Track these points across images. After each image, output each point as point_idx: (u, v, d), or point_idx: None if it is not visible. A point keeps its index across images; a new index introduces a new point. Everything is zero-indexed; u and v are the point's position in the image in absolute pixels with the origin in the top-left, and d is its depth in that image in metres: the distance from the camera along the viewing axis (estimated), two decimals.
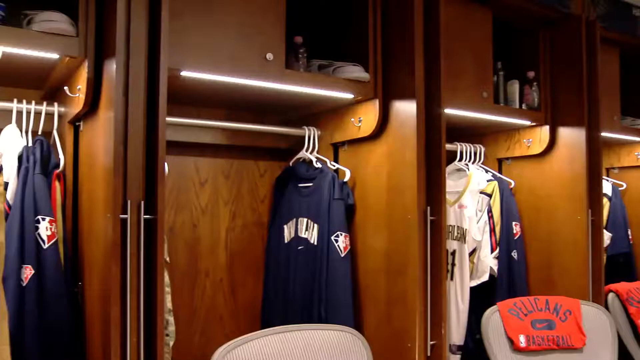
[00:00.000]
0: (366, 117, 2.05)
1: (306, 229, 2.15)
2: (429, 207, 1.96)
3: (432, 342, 1.95)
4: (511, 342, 2.12)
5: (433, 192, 1.97)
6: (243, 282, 2.37)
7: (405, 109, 1.96)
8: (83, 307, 1.76)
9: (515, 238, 2.52)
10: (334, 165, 2.19)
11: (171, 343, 1.83)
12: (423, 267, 1.94)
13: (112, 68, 1.50)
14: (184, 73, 1.69)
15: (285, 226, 2.26)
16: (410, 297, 1.93)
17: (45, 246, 1.67)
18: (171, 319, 1.83)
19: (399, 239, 1.98)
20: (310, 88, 1.92)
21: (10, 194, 1.66)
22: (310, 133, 2.21)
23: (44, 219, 1.67)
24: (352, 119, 2.11)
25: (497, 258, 2.45)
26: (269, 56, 1.79)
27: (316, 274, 2.07)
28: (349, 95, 2.01)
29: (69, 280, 1.73)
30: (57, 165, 1.77)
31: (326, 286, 2.04)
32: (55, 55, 1.60)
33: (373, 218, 2.08)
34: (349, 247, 2.07)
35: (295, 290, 2.15)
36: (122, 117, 1.49)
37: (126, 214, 1.50)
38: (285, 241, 2.25)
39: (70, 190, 1.84)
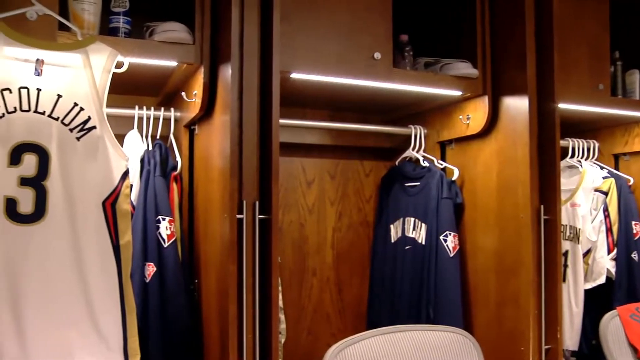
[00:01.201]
0: (475, 114, 1.98)
1: (413, 229, 2.11)
2: (542, 206, 1.86)
3: (546, 347, 1.85)
4: (634, 350, 1.97)
5: (547, 190, 1.87)
6: (349, 281, 2.37)
7: (517, 105, 1.88)
8: (199, 303, 1.82)
9: (636, 239, 2.34)
10: (442, 164, 2.13)
11: (282, 341, 1.85)
12: (537, 268, 1.85)
13: (227, 73, 1.54)
14: (293, 75, 1.70)
15: (391, 226, 2.23)
16: (523, 299, 1.85)
17: (166, 245, 1.74)
18: (282, 317, 1.85)
19: (511, 239, 1.89)
20: (418, 86, 1.88)
21: (133, 195, 1.74)
22: (417, 132, 2.16)
23: (164, 219, 1.74)
24: (460, 117, 2.04)
25: (614, 259, 2.29)
26: (377, 55, 1.77)
27: (424, 274, 2.03)
28: (457, 93, 1.95)
29: (186, 277, 1.79)
30: (175, 168, 1.85)
31: (435, 286, 1.99)
32: (173, 63, 1.66)
33: (483, 217, 2.00)
34: (458, 247, 2.00)
35: (403, 290, 2.12)
36: (237, 120, 1.53)
37: (242, 214, 1.53)
38: (392, 241, 2.22)
39: (186, 191, 1.91)
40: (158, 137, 1.88)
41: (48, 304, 1.43)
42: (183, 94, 1.76)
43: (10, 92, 1.43)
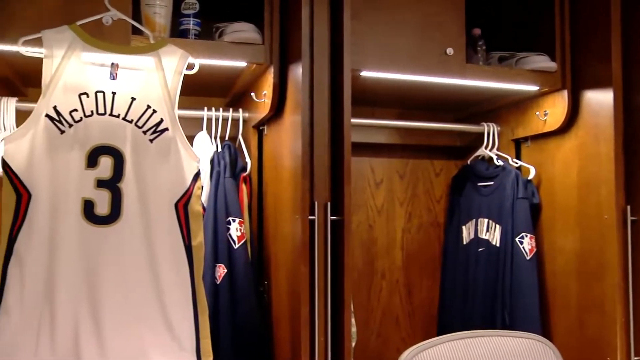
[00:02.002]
0: (553, 110, 1.89)
1: (487, 230, 2.03)
2: (629, 206, 1.75)
3: (636, 358, 1.74)
4: None
5: (634, 190, 1.76)
6: (419, 284, 2.31)
7: (599, 99, 1.77)
8: (269, 304, 1.81)
9: None
10: (517, 163, 2.05)
11: (353, 344, 1.82)
12: (623, 272, 1.74)
13: (297, 72, 1.52)
14: (363, 73, 1.67)
15: (463, 227, 2.16)
16: (608, 305, 1.74)
17: (236, 246, 1.74)
18: (353, 320, 1.81)
19: (593, 240, 1.79)
20: (492, 82, 1.80)
21: (204, 197, 1.75)
22: (490, 129, 2.08)
23: (234, 220, 1.75)
24: (537, 113, 1.95)
25: None
26: (449, 51, 1.71)
27: (499, 277, 1.95)
28: (533, 88, 1.86)
29: (255, 279, 1.79)
30: (244, 169, 1.85)
31: (510, 290, 1.91)
32: (243, 64, 1.66)
33: (561, 217, 1.90)
34: (535, 249, 1.91)
35: (476, 293, 2.04)
36: (308, 120, 1.51)
37: (314, 215, 1.51)
38: (464, 242, 2.15)
39: (255, 192, 1.91)
40: (227, 138, 1.89)
41: (124, 304, 1.46)
42: (252, 94, 1.76)
43: (88, 96, 1.46)
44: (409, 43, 1.69)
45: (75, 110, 1.45)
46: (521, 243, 1.91)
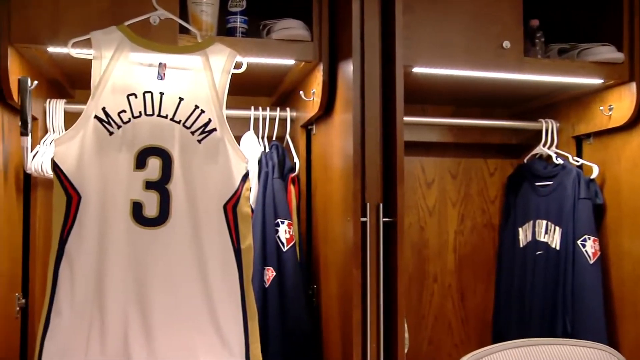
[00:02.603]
0: (619, 104, 1.79)
1: (546, 232, 1.95)
2: None
3: None
4: None
5: None
6: (473, 288, 2.24)
7: None
8: (319, 308, 1.78)
9: None
10: (578, 161, 1.96)
11: (405, 350, 1.77)
12: None
13: (348, 69, 1.48)
14: (415, 69, 1.62)
15: (520, 229, 2.08)
16: None
17: (285, 249, 1.72)
18: (405, 325, 1.77)
19: None
20: (552, 76, 1.73)
21: (252, 198, 1.73)
22: (548, 126, 2.00)
23: (282, 222, 1.73)
24: (601, 108, 1.85)
25: None
26: (506, 44, 1.65)
27: (559, 282, 1.86)
28: (597, 81, 1.77)
29: (305, 282, 1.76)
30: (293, 169, 1.82)
31: (572, 296, 1.82)
32: (291, 61, 1.64)
33: (629, 219, 1.80)
34: (599, 253, 1.82)
35: (534, 299, 1.96)
36: (360, 119, 1.47)
37: (365, 216, 1.47)
38: (521, 245, 2.07)
39: (303, 193, 1.88)
40: (274, 138, 1.87)
41: (173, 307, 1.45)
42: (301, 93, 1.73)
43: (136, 97, 1.46)
44: (463, 37, 1.64)
45: (124, 111, 1.45)
46: (583, 246, 1.82)
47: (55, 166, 1.43)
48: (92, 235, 1.43)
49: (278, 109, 1.88)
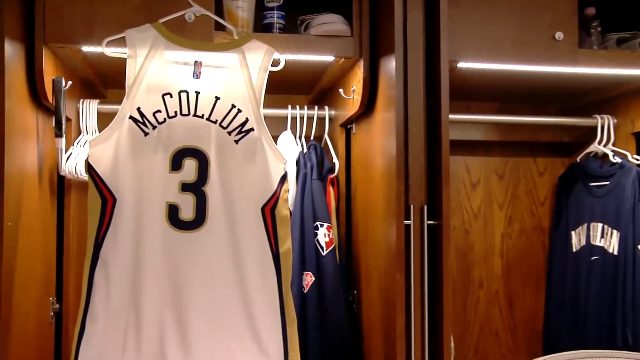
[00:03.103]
0: None
1: (602, 236, 1.91)
2: None
3: None
4: None
5: None
6: (521, 295, 2.21)
7: None
8: (359, 315, 1.78)
9: None
10: (638, 159, 1.91)
11: None
12: None
13: (390, 66, 1.47)
14: (461, 64, 1.60)
15: (573, 232, 2.04)
16: None
17: (324, 253, 1.72)
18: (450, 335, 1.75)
19: None
20: (610, 68, 1.69)
21: (290, 200, 1.73)
22: (604, 122, 1.96)
23: (322, 225, 1.73)
24: None
25: None
26: (558, 35, 1.62)
27: (618, 289, 1.82)
28: None
29: (345, 287, 1.76)
30: (332, 170, 1.83)
31: (632, 305, 1.78)
32: (330, 58, 1.64)
33: None
34: None
35: (589, 307, 1.92)
36: (403, 117, 1.46)
37: (409, 219, 1.46)
38: (574, 250, 2.03)
39: (343, 194, 1.88)
40: (312, 137, 1.88)
41: (209, 312, 1.47)
42: (341, 90, 1.73)
43: (171, 96, 1.48)
44: (512, 28, 1.61)
45: (159, 111, 1.47)
46: None
47: (90, 168, 1.46)
48: (127, 239, 1.46)
49: (316, 107, 1.88)
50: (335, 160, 1.84)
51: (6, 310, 1.33)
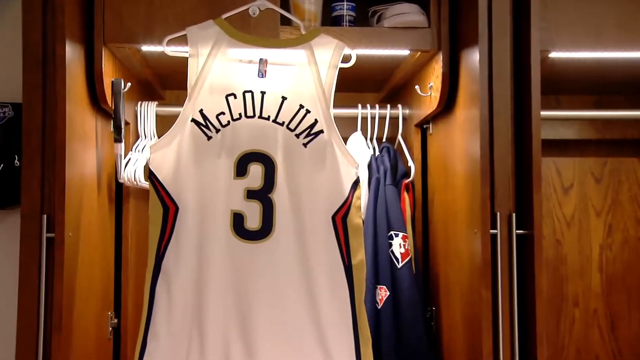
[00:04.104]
0: None
1: None
2: None
3: None
4: None
5: None
6: (626, 315, 2.13)
7: None
8: (438, 334, 1.77)
9: None
10: None
11: None
12: None
13: (472, 58, 1.46)
14: (553, 54, 1.57)
15: None
16: None
17: (400, 265, 1.72)
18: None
19: None
20: None
21: (362, 207, 1.74)
22: None
23: (397, 235, 1.73)
24: None
25: None
26: None
27: None
28: None
29: (422, 303, 1.76)
30: (407, 174, 1.83)
31: None
32: (405, 52, 1.65)
33: None
34: None
35: None
36: (487, 115, 1.45)
37: (495, 228, 1.44)
38: None
39: (419, 201, 1.88)
40: (384, 139, 1.88)
41: (277, 329, 1.49)
42: (417, 87, 1.73)
43: (235, 97, 1.52)
44: (615, 11, 1.55)
45: (222, 113, 1.51)
46: None
47: (151, 174, 1.51)
48: (190, 250, 1.50)
49: (388, 106, 1.89)
50: (410, 163, 1.84)
51: (67, 326, 1.39)
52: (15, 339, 1.41)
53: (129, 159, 1.75)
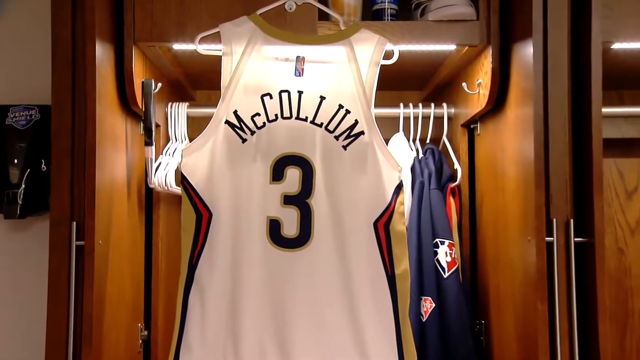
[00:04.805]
0: None
1: None
2: None
3: None
4: None
5: None
6: None
7: None
8: (488, 351, 1.75)
9: None
10: None
11: None
12: None
13: (526, 52, 1.44)
14: (616, 46, 1.53)
15: None
16: None
17: (446, 275, 1.71)
18: None
19: None
20: None
21: (405, 213, 1.73)
22: None
23: (442, 243, 1.72)
24: None
25: None
26: None
27: None
28: None
29: (470, 316, 1.74)
30: (452, 178, 1.82)
31: None
32: (451, 47, 1.63)
33: None
34: None
35: None
36: (542, 113, 1.43)
37: (552, 236, 1.42)
38: None
39: (466, 206, 1.86)
40: (428, 140, 1.88)
41: (316, 343, 1.50)
42: (464, 84, 1.72)
43: (271, 97, 1.52)
44: None
45: (258, 114, 1.52)
46: None
47: (183, 180, 1.52)
48: (225, 259, 1.51)
49: (432, 105, 1.88)
50: (456, 166, 1.82)
51: (97, 339, 1.41)
52: (45, 350, 1.44)
53: (160, 163, 1.77)
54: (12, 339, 1.99)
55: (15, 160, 1.84)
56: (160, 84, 1.66)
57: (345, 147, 1.52)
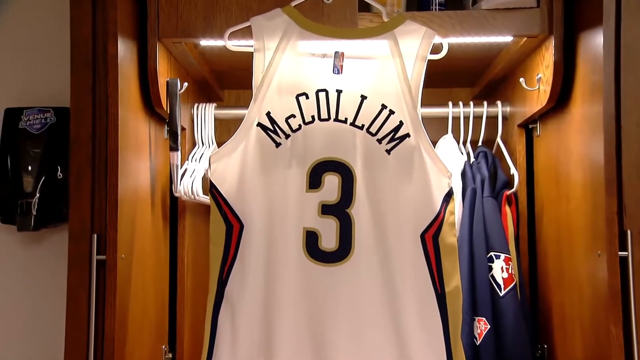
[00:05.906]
0: None
1: None
2: None
3: None
4: None
5: None
6: None
7: None
8: None
9: None
10: None
11: None
12: None
13: (594, 42, 1.41)
14: None
15: None
16: None
17: (502, 293, 1.67)
18: None
19: None
20: None
21: (456, 224, 1.70)
22: None
23: (498, 257, 1.69)
24: None
25: None
26: None
27: None
28: None
29: (530, 339, 1.71)
30: (508, 184, 1.79)
31: None
32: (508, 38, 1.61)
33: None
34: None
35: None
36: (614, 112, 1.39)
37: (626, 250, 1.38)
38: None
39: (524, 216, 1.83)
40: (480, 142, 1.86)
41: None
42: (522, 80, 1.69)
43: (307, 97, 1.51)
44: None
45: (293, 116, 1.51)
46: None
47: (212, 188, 1.51)
48: (257, 274, 1.50)
49: (485, 103, 1.86)
50: (513, 171, 1.79)
51: None
52: None
53: (185, 170, 1.76)
54: None
55: (29, 167, 1.84)
56: (186, 84, 1.66)
57: (388, 151, 1.50)
